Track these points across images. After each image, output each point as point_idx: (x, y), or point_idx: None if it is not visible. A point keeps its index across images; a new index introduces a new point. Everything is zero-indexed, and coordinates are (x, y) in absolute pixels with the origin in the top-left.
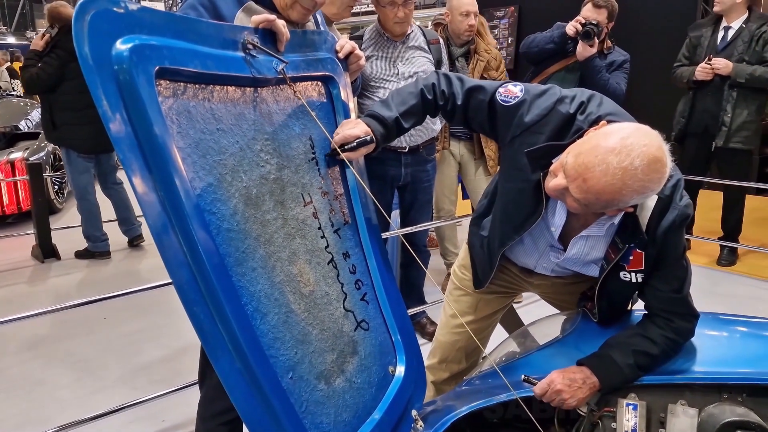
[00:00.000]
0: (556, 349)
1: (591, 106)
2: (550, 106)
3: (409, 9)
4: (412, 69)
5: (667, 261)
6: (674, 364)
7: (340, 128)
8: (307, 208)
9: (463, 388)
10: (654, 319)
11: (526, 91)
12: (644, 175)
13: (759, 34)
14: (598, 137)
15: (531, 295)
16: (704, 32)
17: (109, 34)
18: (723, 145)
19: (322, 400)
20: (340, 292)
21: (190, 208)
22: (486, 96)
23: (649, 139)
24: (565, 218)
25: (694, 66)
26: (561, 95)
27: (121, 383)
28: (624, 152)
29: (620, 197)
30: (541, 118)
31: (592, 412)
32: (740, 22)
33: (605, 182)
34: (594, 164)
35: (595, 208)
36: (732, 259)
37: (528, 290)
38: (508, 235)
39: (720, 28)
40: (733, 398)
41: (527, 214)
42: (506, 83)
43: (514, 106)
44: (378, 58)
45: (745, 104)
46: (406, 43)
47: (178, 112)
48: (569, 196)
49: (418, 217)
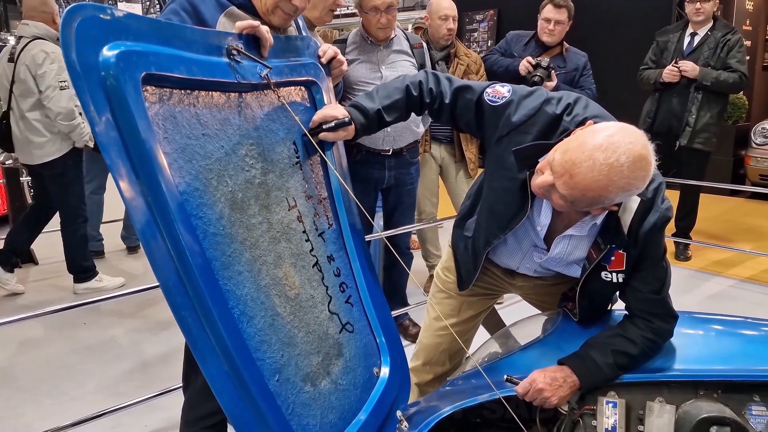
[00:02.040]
0: (538, 349)
1: (577, 108)
2: (537, 107)
3: (391, 15)
4: (395, 73)
5: (648, 262)
6: (652, 362)
7: (320, 110)
8: (291, 212)
9: (447, 389)
10: (634, 319)
11: (513, 91)
12: (630, 171)
13: (724, 42)
14: (585, 135)
15: (512, 297)
16: (671, 37)
17: (96, 40)
18: (687, 144)
19: (309, 402)
20: (325, 295)
21: (177, 212)
22: (474, 95)
23: (634, 137)
24: (551, 217)
25: (660, 69)
26: (548, 96)
27: (103, 388)
28: (610, 149)
29: (606, 194)
30: (528, 118)
31: (573, 411)
32: (706, 29)
33: (591, 178)
34: (581, 160)
35: (580, 206)
36: (687, 255)
37: (510, 291)
38: (494, 234)
39: (686, 34)
40: (709, 395)
41: (513, 213)
42: (494, 84)
43: (502, 106)
44: (362, 61)
45: (708, 107)
46: (389, 47)
47: (164, 117)
48: (555, 193)
49: (402, 220)
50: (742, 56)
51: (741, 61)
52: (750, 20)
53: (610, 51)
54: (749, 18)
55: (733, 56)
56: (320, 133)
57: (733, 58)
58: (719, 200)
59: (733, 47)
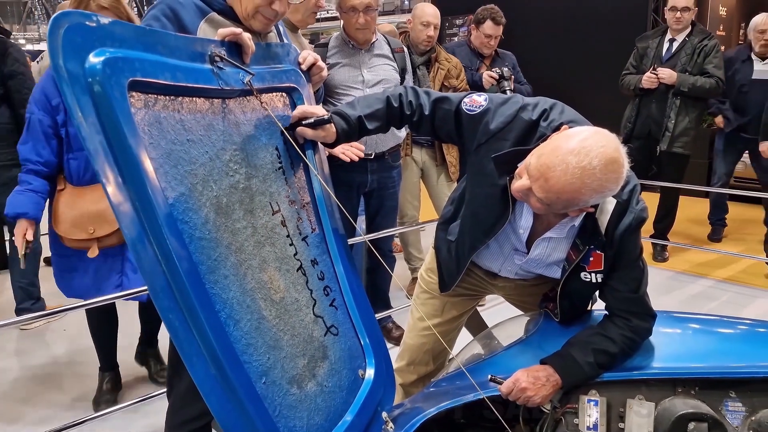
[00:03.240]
0: (520, 349)
1: (553, 113)
2: (513, 114)
3: (370, 16)
4: (377, 76)
5: (624, 262)
6: (632, 361)
7: (300, 106)
8: (275, 216)
9: (431, 390)
10: (613, 318)
11: (490, 100)
12: (602, 174)
13: (700, 48)
14: (559, 139)
15: (494, 299)
16: (651, 43)
17: (83, 47)
18: (667, 149)
19: (295, 404)
20: (310, 298)
21: (164, 217)
22: (452, 106)
23: (606, 141)
24: (532, 221)
25: (640, 74)
26: (523, 103)
27: (84, 396)
28: (583, 153)
29: (580, 196)
30: (505, 125)
31: (555, 410)
32: (684, 35)
33: (565, 181)
34: (555, 164)
35: (557, 208)
36: (665, 256)
37: (493, 292)
38: (479, 239)
39: (665, 40)
40: (687, 391)
41: (496, 217)
42: (471, 93)
43: (479, 114)
44: (343, 65)
45: (686, 112)
46: (371, 51)
47: (150, 123)
48: (533, 196)
49: (385, 223)
50: (718, 61)
51: (718, 66)
52: (723, 25)
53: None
54: (722, 23)
55: (710, 61)
56: (298, 127)
57: (710, 63)
58: (695, 202)
59: (710, 52)
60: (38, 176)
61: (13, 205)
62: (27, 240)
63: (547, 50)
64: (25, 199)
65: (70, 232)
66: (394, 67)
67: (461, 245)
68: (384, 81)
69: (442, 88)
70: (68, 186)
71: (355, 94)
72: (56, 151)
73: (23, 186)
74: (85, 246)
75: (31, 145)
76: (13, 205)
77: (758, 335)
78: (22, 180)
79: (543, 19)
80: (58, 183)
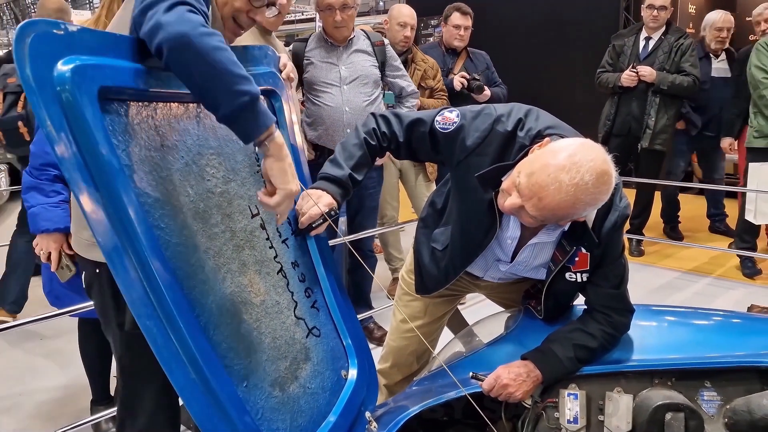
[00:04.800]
0: (501, 346)
1: (529, 121)
2: (488, 128)
3: (347, 14)
4: (354, 73)
5: (608, 259)
6: (610, 354)
7: (300, 204)
8: (254, 219)
9: (414, 389)
10: (593, 314)
11: (462, 115)
12: (595, 188)
13: (677, 46)
14: (546, 156)
15: (474, 297)
16: (626, 41)
17: (51, 55)
18: (648, 146)
19: (278, 407)
20: (291, 300)
21: (139, 224)
22: (426, 127)
23: (594, 153)
24: (519, 231)
25: (617, 72)
26: (497, 114)
27: (61, 403)
28: (574, 169)
29: (574, 211)
30: (483, 140)
31: (536, 404)
32: (659, 33)
33: (560, 199)
34: (547, 183)
35: (550, 222)
36: (641, 250)
37: (475, 291)
38: (471, 254)
39: (641, 38)
40: (664, 383)
41: (485, 232)
42: (443, 110)
43: (454, 131)
44: (321, 62)
45: (666, 109)
46: (349, 47)
47: (123, 130)
48: (525, 213)
49: (365, 223)
50: (694, 60)
51: (694, 65)
52: (693, 23)
53: (561, 56)
54: (692, 21)
55: (687, 60)
56: (310, 231)
57: (687, 62)
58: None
59: (686, 51)
60: (63, 183)
61: (51, 220)
62: (67, 253)
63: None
64: (62, 212)
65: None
66: (373, 62)
67: (451, 260)
68: (361, 77)
69: (419, 89)
70: None
71: (332, 91)
72: None
73: (56, 197)
74: None
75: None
76: (50, 221)
77: (731, 326)
78: (51, 190)
79: (515, 18)
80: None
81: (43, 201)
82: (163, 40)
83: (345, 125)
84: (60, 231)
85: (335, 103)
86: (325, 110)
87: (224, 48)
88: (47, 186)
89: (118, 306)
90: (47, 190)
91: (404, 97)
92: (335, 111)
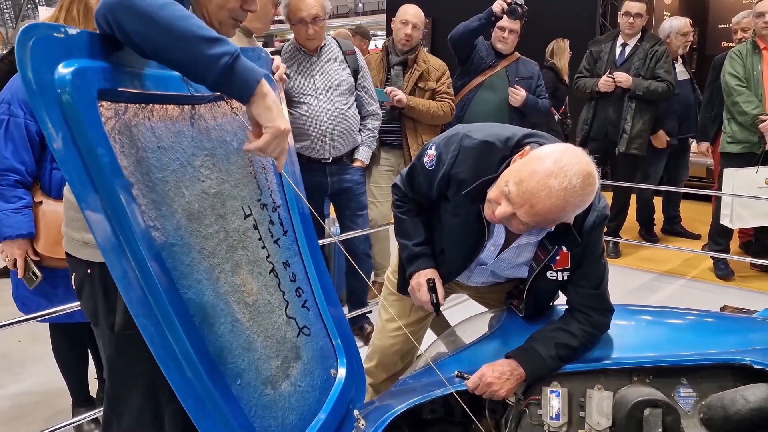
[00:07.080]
0: (485, 345)
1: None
2: (456, 147)
3: (318, 26)
4: (329, 82)
5: (588, 259)
6: (591, 353)
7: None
8: (247, 220)
9: (400, 387)
10: (574, 314)
11: (436, 146)
12: (582, 190)
13: (652, 53)
14: (533, 163)
15: (457, 297)
16: (603, 47)
17: (51, 59)
18: (625, 150)
19: (270, 405)
20: (282, 300)
21: (136, 225)
22: (417, 171)
23: (578, 156)
24: (504, 236)
25: (594, 77)
26: (463, 132)
27: (41, 408)
28: (561, 174)
29: (564, 214)
30: (455, 159)
31: (519, 401)
32: (635, 40)
33: (551, 204)
34: (537, 189)
35: (541, 227)
36: (618, 252)
37: (459, 292)
38: (463, 266)
39: (618, 44)
40: (642, 380)
41: (476, 240)
42: (427, 149)
43: (435, 163)
44: (295, 72)
45: (641, 114)
46: (320, 56)
47: (120, 131)
48: (516, 221)
49: (351, 225)
50: (669, 66)
51: (668, 71)
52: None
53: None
54: None
55: (661, 66)
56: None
57: (661, 68)
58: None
59: (661, 57)
60: (25, 188)
61: (12, 226)
62: (33, 259)
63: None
64: (24, 218)
65: (54, 250)
66: (345, 70)
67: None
68: (336, 86)
69: (415, 89)
70: (46, 199)
71: (309, 101)
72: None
73: (17, 203)
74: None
75: (13, 151)
76: (12, 227)
77: (706, 325)
78: (12, 195)
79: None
80: (34, 195)
81: (4, 207)
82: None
83: (324, 134)
84: (23, 237)
85: (313, 113)
86: (304, 120)
87: (188, 15)
88: (8, 191)
89: (109, 306)
90: (8, 196)
91: (364, 117)
92: (314, 120)
